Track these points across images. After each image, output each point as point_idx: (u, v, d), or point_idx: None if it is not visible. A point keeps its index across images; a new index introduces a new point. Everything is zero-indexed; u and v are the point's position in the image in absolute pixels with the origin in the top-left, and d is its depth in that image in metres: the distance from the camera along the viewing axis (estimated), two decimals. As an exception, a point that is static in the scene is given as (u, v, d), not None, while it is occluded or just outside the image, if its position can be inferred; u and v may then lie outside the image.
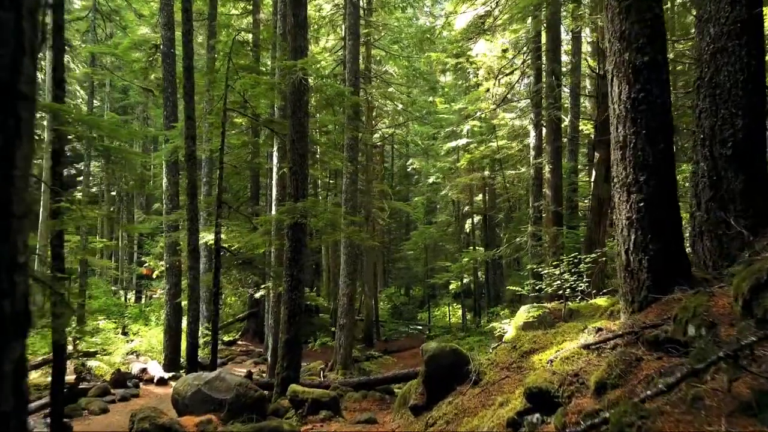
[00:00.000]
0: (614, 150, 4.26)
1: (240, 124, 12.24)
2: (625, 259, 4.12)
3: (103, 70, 19.74)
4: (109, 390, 10.94)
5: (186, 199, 9.47)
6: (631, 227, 4.07)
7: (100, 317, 21.43)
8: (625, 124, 4.13)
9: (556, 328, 5.44)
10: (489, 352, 5.95)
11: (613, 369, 3.20)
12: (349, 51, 15.01)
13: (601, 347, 3.74)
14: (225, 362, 15.95)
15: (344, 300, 14.66)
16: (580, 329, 4.90)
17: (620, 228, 4.18)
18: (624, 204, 4.13)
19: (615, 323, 4.11)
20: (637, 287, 4.03)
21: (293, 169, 8.18)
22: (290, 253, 8.07)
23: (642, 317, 3.79)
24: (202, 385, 7.24)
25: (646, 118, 4.04)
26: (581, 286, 10.61)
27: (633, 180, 4.07)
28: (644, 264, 3.99)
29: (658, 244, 3.97)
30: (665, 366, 3.08)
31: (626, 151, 4.13)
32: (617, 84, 4.20)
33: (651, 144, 4.03)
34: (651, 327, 3.51)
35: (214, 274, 10.16)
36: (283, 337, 8.05)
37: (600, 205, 12.95)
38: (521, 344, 5.28)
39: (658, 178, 4.02)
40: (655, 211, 4.00)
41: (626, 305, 4.12)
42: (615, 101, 4.23)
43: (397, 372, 9.55)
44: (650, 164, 4.02)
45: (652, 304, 3.90)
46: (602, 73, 13.28)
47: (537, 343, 5.09)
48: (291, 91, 8.25)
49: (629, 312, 4.07)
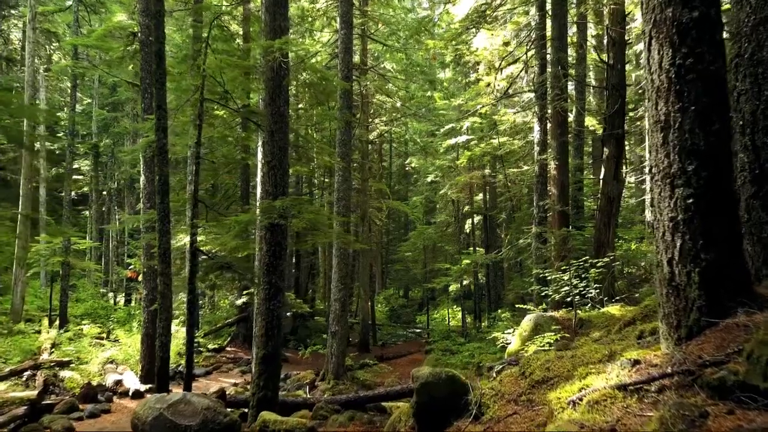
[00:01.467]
0: (652, 133, 3.36)
1: (222, 116, 11.33)
2: (668, 272, 3.22)
3: (86, 63, 18.77)
4: (77, 405, 10.04)
5: (157, 197, 8.56)
6: (677, 230, 3.18)
7: (85, 321, 20.56)
8: (668, 100, 3.23)
9: (572, 350, 4.55)
10: (492, 377, 5.05)
11: (668, 428, 2.30)
12: (342, 41, 14.12)
13: (642, 389, 2.84)
14: (210, 371, 15.09)
15: (336, 306, 13.78)
16: (605, 355, 4.01)
17: (661, 231, 3.29)
18: (666, 201, 3.24)
19: (655, 353, 3.21)
20: (684, 308, 3.13)
21: (271, 163, 7.29)
22: (268, 257, 7.18)
23: (695, 349, 2.90)
24: (165, 409, 6.34)
25: (695, 91, 3.15)
26: (591, 292, 9.72)
27: (679, 170, 3.18)
28: (694, 278, 3.09)
29: (713, 252, 3.07)
30: (744, 427, 2.19)
31: (669, 133, 3.23)
32: (656, 48, 3.30)
33: (702, 124, 3.13)
34: (712, 365, 2.62)
35: (188, 280, 9.25)
36: (259, 353, 7.16)
37: (609, 204, 12.06)
38: (531, 370, 4.39)
39: (712, 167, 3.12)
40: (708, 209, 3.11)
41: (669, 330, 3.23)
42: (654, 70, 3.34)
43: (389, 389, 8.66)
44: (701, 150, 3.13)
45: (706, 330, 3.01)
46: (611, 63, 12.39)
47: (551, 370, 4.19)
48: (269, 76, 7.36)
49: (674, 339, 3.18)
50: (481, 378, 7.01)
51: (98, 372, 13.13)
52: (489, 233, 22.82)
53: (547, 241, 13.00)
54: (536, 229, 13.53)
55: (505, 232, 21.81)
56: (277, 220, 6.82)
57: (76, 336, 17.05)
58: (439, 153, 24.42)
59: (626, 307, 9.08)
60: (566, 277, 9.24)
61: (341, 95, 13.59)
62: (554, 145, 12.78)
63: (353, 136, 15.67)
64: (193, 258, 9.45)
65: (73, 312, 21.47)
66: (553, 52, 12.65)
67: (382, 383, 13.56)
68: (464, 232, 25.65)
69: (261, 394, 7.04)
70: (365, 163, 20.56)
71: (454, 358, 15.46)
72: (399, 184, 34.19)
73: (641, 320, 5.94)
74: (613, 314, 8.67)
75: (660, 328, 3.35)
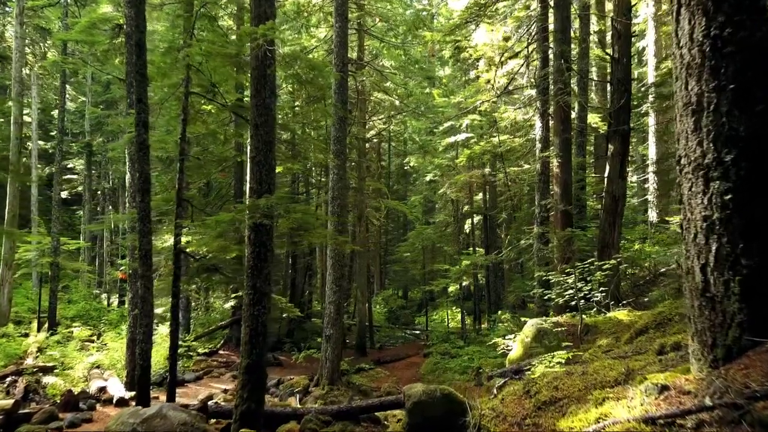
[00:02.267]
0: (681, 117, 2.88)
1: (211, 112, 10.85)
2: (702, 280, 2.73)
3: (75, 59, 18.28)
4: (56, 414, 9.52)
5: (137, 196, 8.08)
6: (711, 232, 2.68)
7: (76, 323, 20.08)
8: (701, 77, 2.74)
9: (583, 366, 4.06)
10: (492, 394, 4.55)
11: (716, 483, 1.82)
12: (337, 34, 13.63)
13: (674, 423, 2.35)
14: (201, 376, 14.59)
15: (331, 309, 13.29)
16: (621, 373, 3.52)
17: (692, 233, 2.80)
18: (699, 197, 2.75)
19: (686, 377, 2.72)
20: (721, 323, 2.64)
21: (256, 158, 6.79)
22: (252, 260, 6.68)
23: (737, 374, 2.41)
24: (139, 424, 5.87)
25: (734, 66, 2.66)
26: (597, 296, 9.23)
27: (714, 160, 2.69)
28: (733, 288, 2.60)
29: (756, 257, 2.58)
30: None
31: (702, 117, 2.74)
32: (687, 17, 2.81)
33: (742, 104, 2.64)
34: (765, 397, 2.13)
35: (173, 283, 8.77)
36: (243, 362, 6.67)
37: (614, 203, 11.57)
38: (537, 388, 3.90)
39: (754, 156, 2.63)
40: (750, 206, 2.62)
41: (703, 349, 2.74)
42: (683, 44, 2.85)
43: (383, 399, 8.17)
44: (741, 135, 2.64)
45: (749, 351, 2.52)
46: (617, 57, 11.90)
47: (559, 389, 3.70)
48: (254, 65, 6.86)
49: (708, 360, 2.69)
50: (480, 390, 6.53)
51: (83, 378, 12.64)
52: (489, 233, 22.33)
53: (550, 242, 12.51)
54: (538, 229, 13.05)
55: (506, 232, 21.31)
56: (261, 220, 6.33)
57: (65, 339, 16.56)
58: (438, 151, 23.94)
59: (634, 312, 8.60)
60: (570, 279, 8.75)
61: (336, 90, 13.11)
62: (557, 142, 12.30)
63: (349, 133, 15.18)
64: (177, 260, 8.97)
65: (65, 313, 20.99)
66: (555, 45, 12.17)
67: (378, 388, 13.08)
68: (464, 232, 25.17)
69: (244, 406, 6.56)
70: (362, 162, 20.07)
71: (452, 362, 14.98)
72: (398, 183, 33.70)
73: (655, 329, 5.46)
74: (621, 320, 8.20)
75: (689, 345, 2.86)
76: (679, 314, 5.31)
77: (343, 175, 13.40)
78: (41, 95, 29.28)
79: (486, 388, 6.40)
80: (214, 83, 9.19)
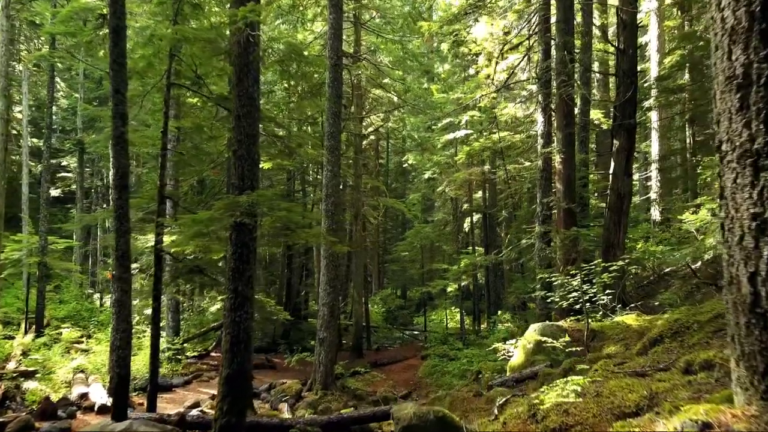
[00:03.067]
0: (723, 95, 2.38)
1: (198, 105, 10.35)
2: (750, 292, 2.24)
3: (63, 52, 17.77)
4: (32, 424, 9.01)
5: (114, 192, 7.59)
6: (763, 233, 2.19)
7: (66, 324, 19.59)
8: (748, 44, 2.25)
9: (596, 385, 3.57)
10: (493, 417, 4.06)
11: None
12: (331, 26, 13.12)
13: (724, 476, 1.86)
14: (190, 380, 14.08)
15: (324, 311, 12.79)
16: (643, 397, 3.03)
17: (737, 234, 2.30)
18: (746, 191, 2.25)
19: (732, 411, 2.23)
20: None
21: (238, 152, 6.28)
22: (233, 262, 6.18)
23: (803, 413, 1.92)
24: (106, 441, 5.38)
25: (792, 30, 2.16)
26: (603, 299, 8.72)
27: (766, 145, 2.19)
28: (791, 303, 2.11)
29: (820, 266, 2.09)
30: None
31: (750, 92, 2.25)
32: (731, -28, 2.31)
33: (802, 77, 2.15)
34: None
35: (153, 285, 8.31)
36: (223, 372, 6.17)
37: (620, 201, 11.06)
38: (544, 412, 3.41)
39: (818, 140, 2.14)
40: (812, 202, 2.12)
41: (752, 377, 2.24)
42: (724, 5, 2.35)
43: (375, 409, 7.70)
44: (800, 115, 2.14)
45: (814, 381, 2.03)
46: (622, 48, 11.38)
47: (570, 414, 3.21)
48: (236, 52, 6.36)
49: (759, 390, 2.20)
50: (478, 402, 6.04)
51: (66, 383, 12.15)
52: (489, 232, 21.85)
53: (552, 242, 12.03)
54: (540, 228, 12.56)
55: (506, 231, 20.84)
56: (242, 219, 5.83)
57: (52, 341, 16.08)
58: (437, 149, 23.47)
59: (642, 317, 8.11)
60: (575, 282, 8.25)
61: (330, 84, 12.61)
62: (560, 137, 11.80)
63: (343, 129, 14.68)
64: (158, 260, 8.49)
65: (55, 314, 20.51)
66: (558, 36, 11.66)
67: (374, 392, 12.59)
68: (463, 231, 24.70)
69: (224, 420, 6.06)
70: (359, 159, 19.58)
71: (451, 364, 14.51)
72: (396, 181, 33.22)
73: (671, 338, 4.96)
74: (629, 325, 7.71)
75: (733, 371, 2.37)
76: (697, 322, 4.82)
77: (337, 171, 12.90)
78: (34, 92, 28.80)
79: (486, 400, 5.91)
80: (199, 75, 8.71)
